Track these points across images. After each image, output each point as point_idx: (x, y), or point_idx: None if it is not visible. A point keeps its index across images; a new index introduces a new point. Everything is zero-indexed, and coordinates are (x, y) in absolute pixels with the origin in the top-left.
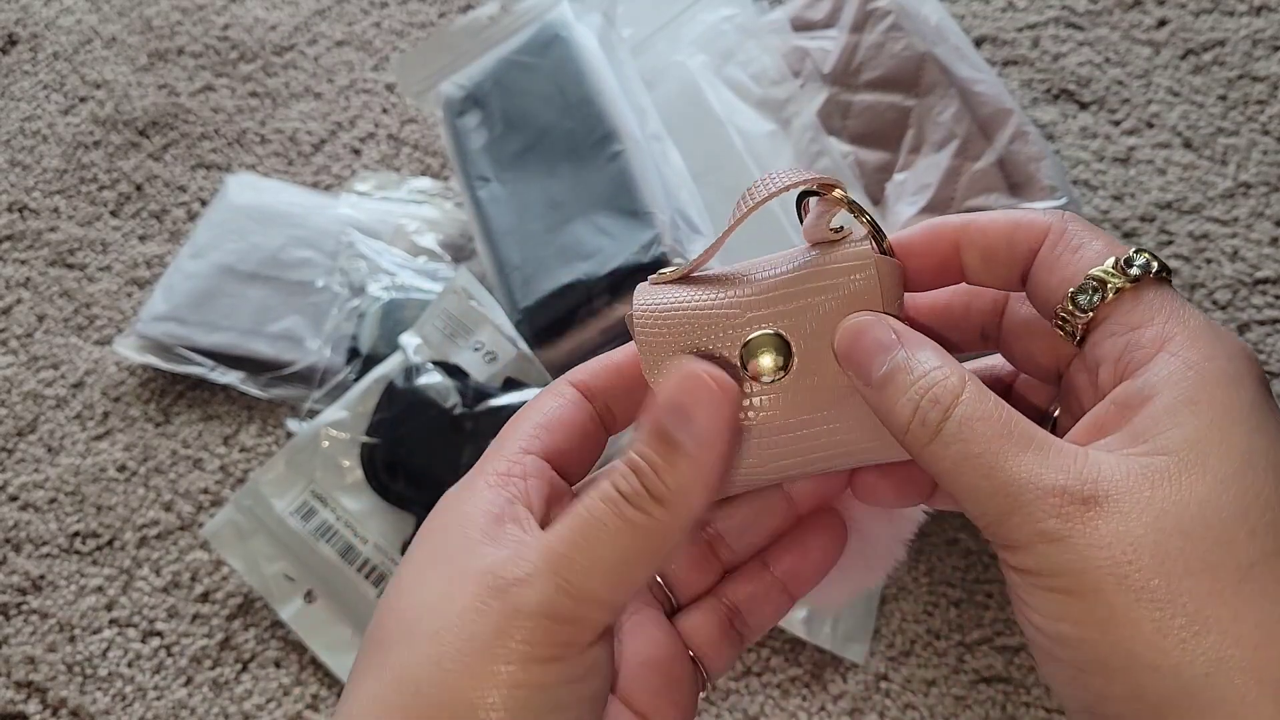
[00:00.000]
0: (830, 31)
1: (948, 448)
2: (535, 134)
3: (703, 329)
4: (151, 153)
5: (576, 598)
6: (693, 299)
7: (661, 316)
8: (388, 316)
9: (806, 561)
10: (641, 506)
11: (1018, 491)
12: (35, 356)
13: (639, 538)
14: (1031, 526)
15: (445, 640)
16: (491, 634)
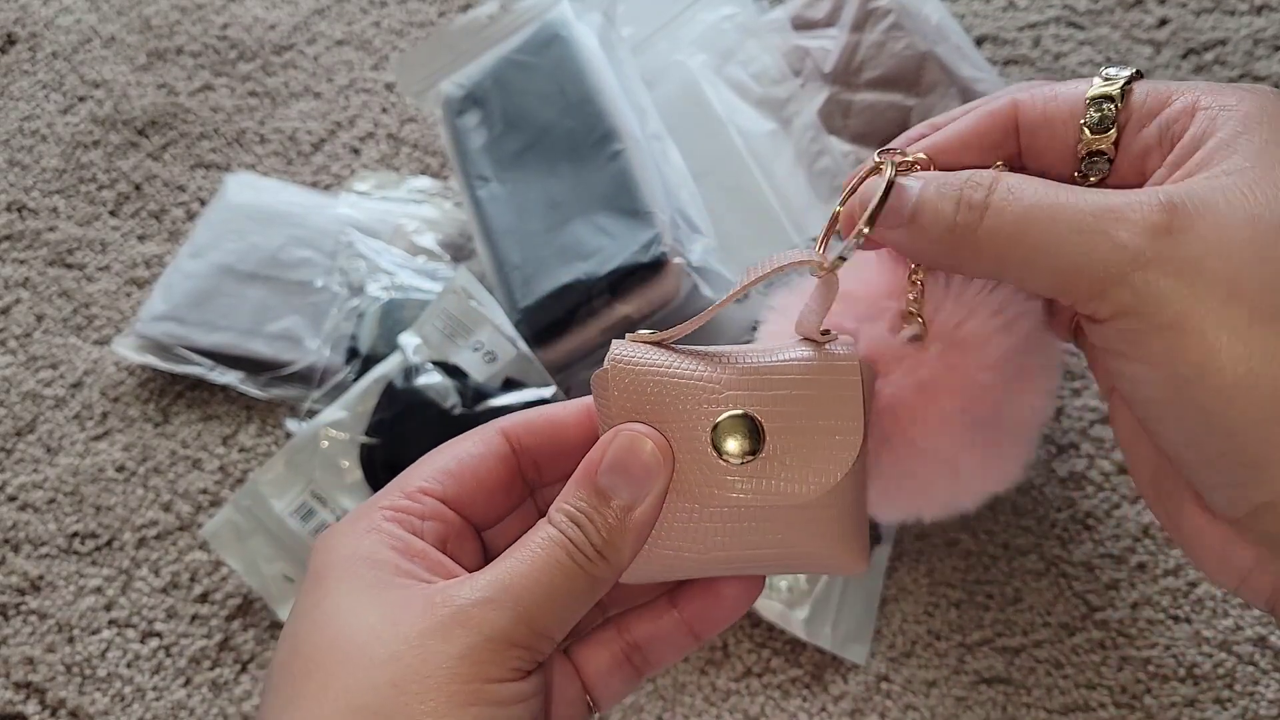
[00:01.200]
0: (831, 30)
1: (1002, 216)
2: (535, 133)
3: (677, 397)
4: (150, 152)
5: (531, 627)
6: (674, 364)
7: (639, 374)
8: (387, 316)
9: (718, 607)
10: (587, 554)
11: (1095, 220)
12: (34, 356)
13: (582, 582)
14: (1120, 255)
15: (402, 663)
16: (455, 656)
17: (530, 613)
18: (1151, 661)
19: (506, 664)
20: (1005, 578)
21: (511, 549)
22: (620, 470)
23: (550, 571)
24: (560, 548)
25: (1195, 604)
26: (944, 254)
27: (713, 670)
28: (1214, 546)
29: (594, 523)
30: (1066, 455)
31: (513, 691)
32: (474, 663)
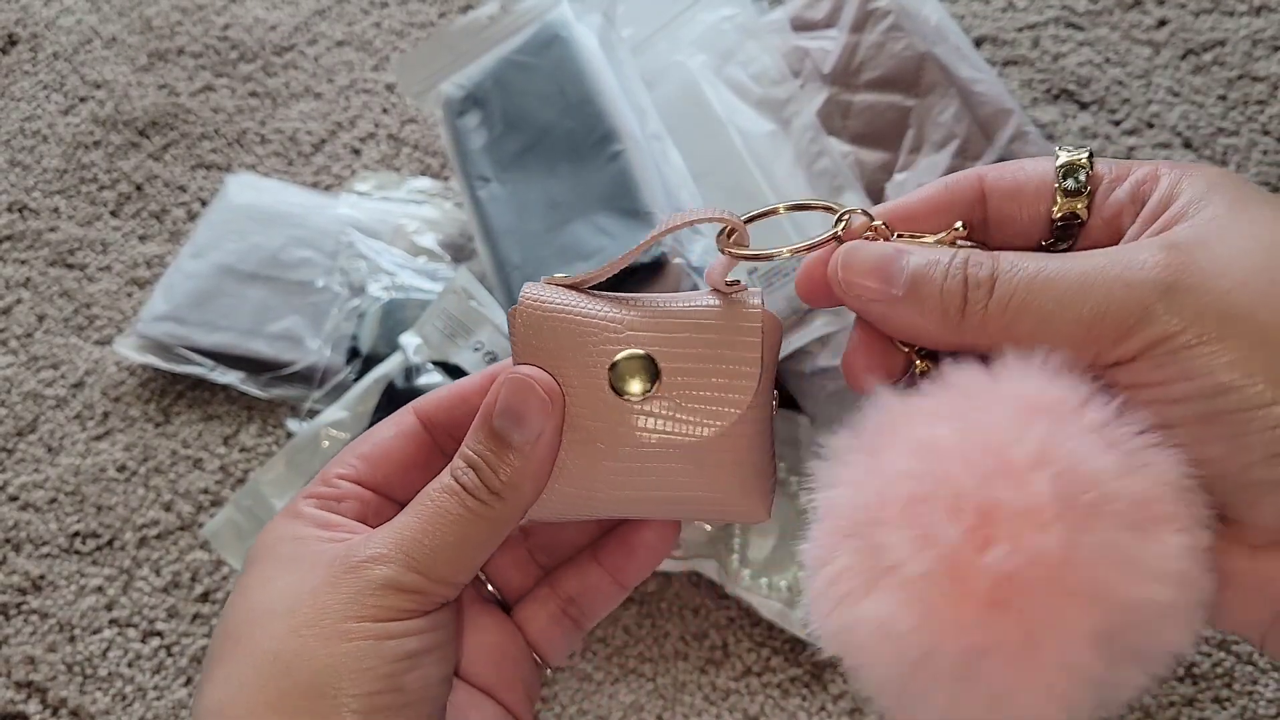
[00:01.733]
0: (830, 31)
1: (1011, 284)
2: (535, 134)
3: (580, 335)
4: (151, 153)
5: (422, 574)
6: (579, 305)
7: (545, 314)
8: (388, 316)
9: (634, 559)
10: (480, 498)
11: (1106, 271)
12: (35, 356)
13: (478, 525)
14: (1143, 291)
15: (299, 613)
16: (344, 602)
17: (421, 561)
18: None
19: (397, 606)
20: None
21: (413, 502)
22: (510, 413)
23: (441, 519)
24: (453, 495)
25: None
26: (943, 330)
27: (712, 669)
28: (1250, 584)
29: (489, 465)
30: None
31: (404, 628)
32: (360, 605)
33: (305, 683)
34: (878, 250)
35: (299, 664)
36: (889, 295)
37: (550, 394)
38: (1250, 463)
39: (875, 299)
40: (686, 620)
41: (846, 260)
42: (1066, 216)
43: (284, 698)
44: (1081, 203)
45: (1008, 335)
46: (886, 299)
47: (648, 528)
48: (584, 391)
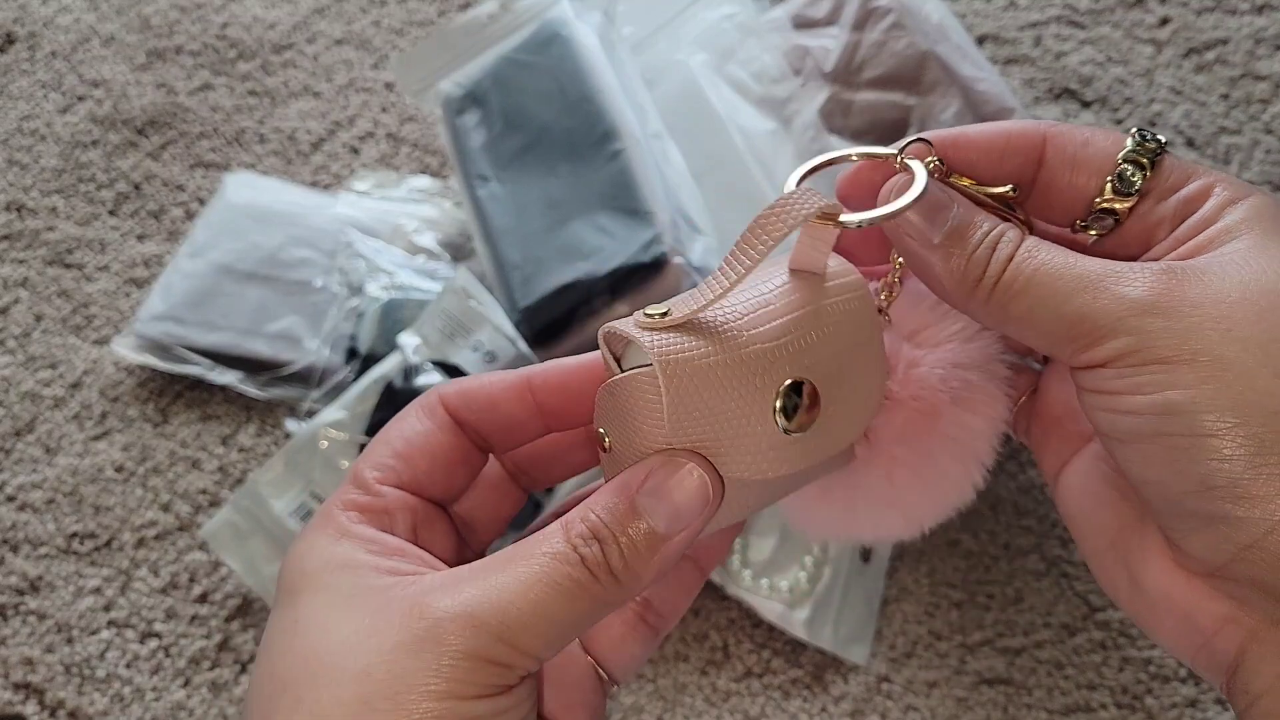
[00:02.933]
0: (831, 30)
1: (1019, 271)
2: (535, 133)
3: (732, 382)
4: (150, 152)
5: (512, 646)
6: (710, 350)
7: (690, 368)
8: (387, 316)
9: (717, 537)
10: (598, 575)
11: (1099, 279)
12: (33, 356)
13: (585, 603)
14: (1123, 304)
15: (375, 678)
16: (424, 672)
17: (514, 634)
18: (1153, 662)
19: (483, 681)
20: (1006, 578)
21: (510, 556)
22: (663, 495)
23: (544, 588)
24: (565, 564)
25: None
26: (956, 292)
27: (713, 671)
28: (1178, 606)
29: (618, 542)
30: None
31: (489, 707)
32: (447, 680)
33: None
34: (934, 193)
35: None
36: (926, 238)
37: (714, 487)
38: (1186, 491)
39: (913, 235)
40: (687, 621)
41: (904, 187)
42: (1105, 210)
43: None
44: (1125, 204)
45: (1003, 315)
46: (922, 240)
47: None
48: (743, 437)
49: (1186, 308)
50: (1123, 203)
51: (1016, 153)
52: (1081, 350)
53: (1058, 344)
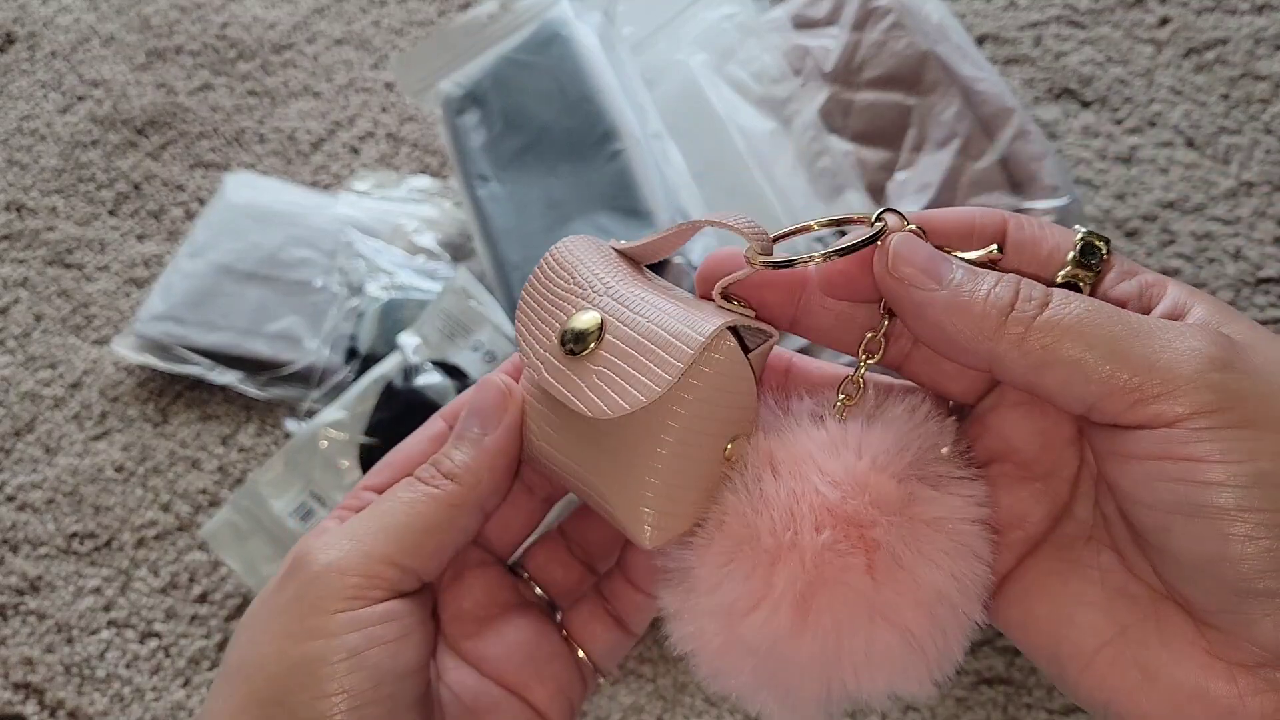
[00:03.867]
0: (831, 30)
1: (1066, 309)
2: (535, 133)
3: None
4: (149, 152)
5: (366, 555)
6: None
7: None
8: (386, 316)
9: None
10: (432, 481)
11: (1159, 329)
12: (33, 356)
13: (428, 506)
14: (1199, 357)
15: (256, 619)
16: (288, 599)
17: (363, 540)
18: None
19: (340, 594)
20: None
21: (377, 502)
22: (472, 412)
23: (386, 502)
24: (403, 483)
25: None
26: (976, 334)
27: None
28: (1218, 703)
29: (447, 454)
30: None
31: (350, 619)
32: (302, 601)
33: (263, 694)
34: (931, 248)
35: (257, 674)
36: (940, 279)
37: (510, 390)
38: (1262, 570)
39: (924, 279)
40: None
41: (900, 248)
42: (1069, 282)
43: (245, 710)
44: (1087, 278)
45: (1044, 356)
46: (936, 281)
47: None
48: (546, 342)
49: (1258, 372)
50: (1085, 275)
51: (981, 234)
52: (1146, 403)
53: (1111, 394)
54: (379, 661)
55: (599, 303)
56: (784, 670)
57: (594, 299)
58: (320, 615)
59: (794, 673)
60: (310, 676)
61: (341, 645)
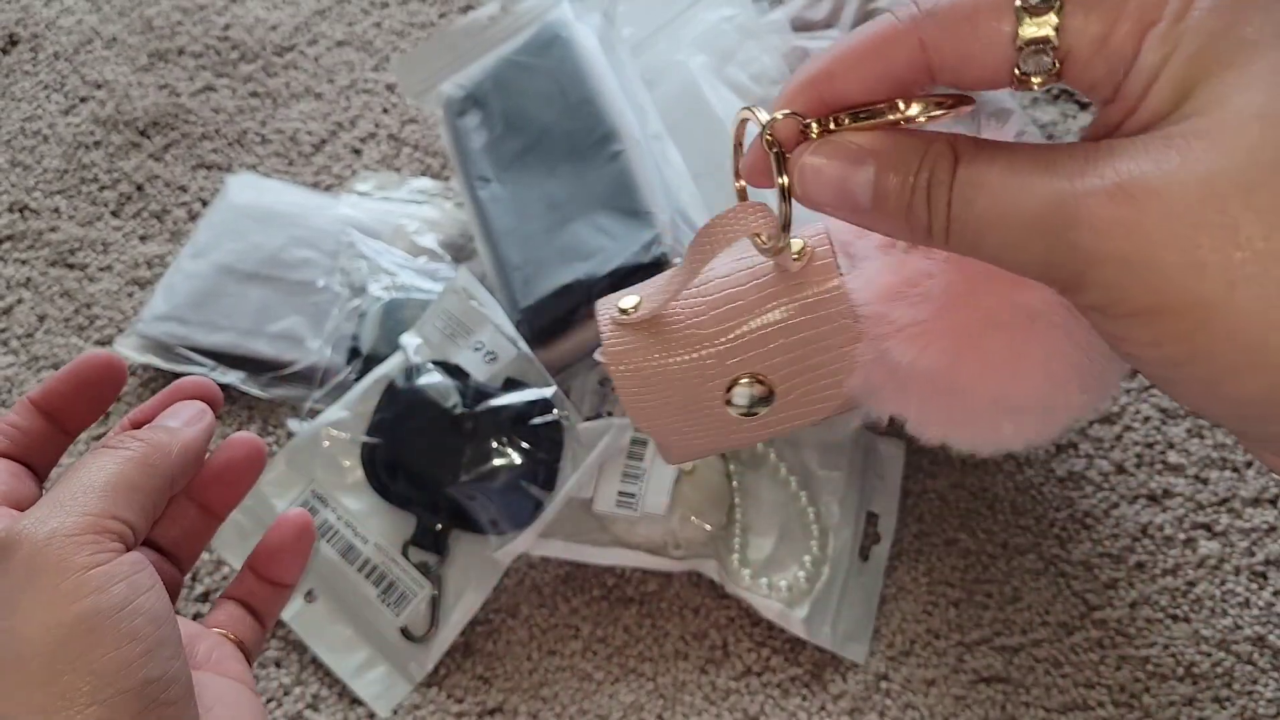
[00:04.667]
0: (831, 32)
1: (964, 222)
2: (535, 134)
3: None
4: (152, 153)
5: (85, 513)
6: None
7: (642, 379)
8: (388, 316)
9: (278, 565)
10: (119, 445)
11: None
12: (36, 356)
13: (122, 465)
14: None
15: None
16: (21, 579)
17: (79, 505)
18: (1150, 660)
19: (80, 555)
20: (1004, 577)
21: (72, 470)
22: (173, 413)
23: (84, 471)
24: (92, 453)
25: (1194, 603)
26: (913, 239)
27: (712, 669)
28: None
29: (138, 433)
30: (1065, 455)
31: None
32: (41, 574)
33: (41, 673)
34: (832, 173)
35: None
36: (856, 207)
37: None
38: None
39: (841, 209)
40: (686, 620)
41: (806, 189)
42: (1031, 42)
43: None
44: (1048, 25)
45: (975, 254)
46: (854, 209)
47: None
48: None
49: (1150, 240)
50: (1043, 25)
51: (900, 69)
52: (1064, 294)
53: (1043, 283)
54: (150, 606)
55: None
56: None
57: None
58: (72, 578)
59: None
60: (94, 634)
61: (113, 595)
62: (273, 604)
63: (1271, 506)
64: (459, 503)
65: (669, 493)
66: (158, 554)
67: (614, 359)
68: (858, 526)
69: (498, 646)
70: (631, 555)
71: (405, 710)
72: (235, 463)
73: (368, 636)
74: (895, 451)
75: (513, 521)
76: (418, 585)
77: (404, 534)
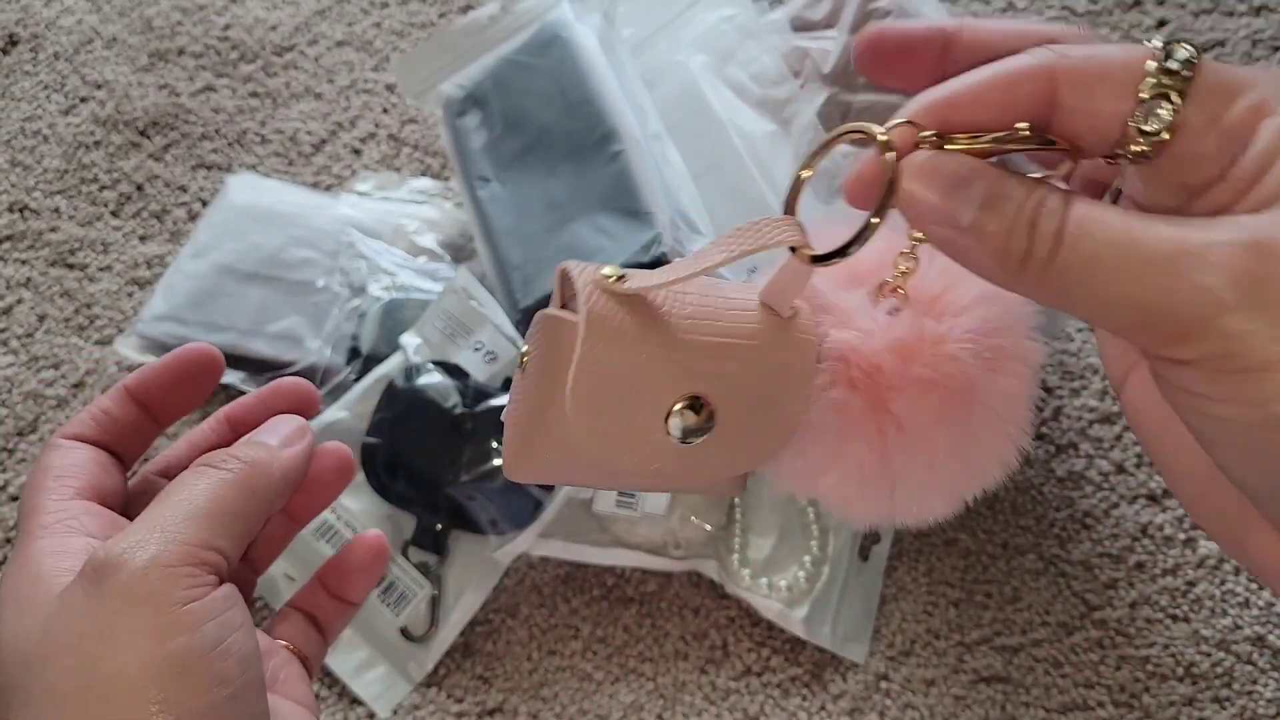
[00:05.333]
0: (830, 32)
1: (1076, 251)
2: (535, 134)
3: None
4: (152, 153)
5: (185, 544)
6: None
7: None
8: (388, 316)
9: (349, 583)
10: (224, 465)
11: (1174, 259)
12: (36, 356)
13: (226, 489)
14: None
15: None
16: (116, 608)
17: (179, 534)
18: (1150, 660)
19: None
20: (1004, 577)
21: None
22: (271, 428)
23: (188, 492)
24: (195, 471)
25: (1193, 603)
26: (1000, 275)
27: (712, 669)
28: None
29: (239, 450)
30: (1065, 455)
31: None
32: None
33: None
34: (951, 168)
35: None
36: (954, 222)
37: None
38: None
39: (940, 222)
40: (686, 620)
41: (918, 172)
42: (1160, 94)
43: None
44: (1179, 86)
45: (1065, 299)
46: (952, 225)
47: (360, 552)
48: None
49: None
50: (1174, 84)
51: (1023, 100)
52: (1161, 345)
53: (1131, 334)
54: (239, 647)
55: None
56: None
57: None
58: (167, 612)
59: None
60: (185, 675)
61: (205, 636)
62: (337, 619)
63: None
64: (459, 503)
65: (669, 493)
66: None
67: (595, 323)
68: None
69: (498, 646)
70: (631, 555)
71: (405, 710)
72: (324, 473)
73: (367, 636)
74: None
75: (512, 521)
76: (418, 585)
77: (404, 534)
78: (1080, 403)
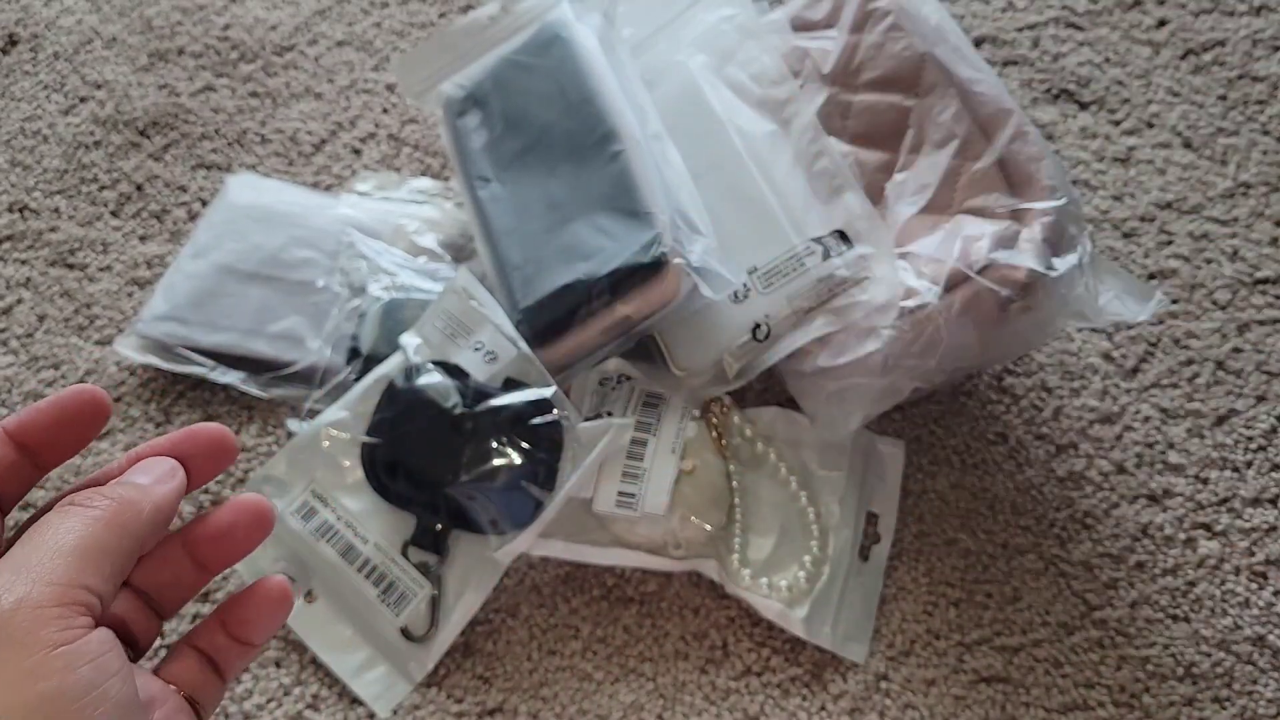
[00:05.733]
0: (830, 32)
1: None
2: (535, 134)
3: None
4: (152, 153)
5: (53, 584)
6: None
7: None
8: (388, 316)
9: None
10: (89, 503)
11: None
12: (35, 356)
13: (93, 527)
14: None
15: None
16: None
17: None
18: (1150, 660)
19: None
20: (1004, 577)
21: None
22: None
23: (53, 532)
24: (60, 512)
25: (1194, 603)
26: None
27: (713, 669)
28: None
29: (107, 490)
30: (1065, 455)
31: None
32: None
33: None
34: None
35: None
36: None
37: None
38: None
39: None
40: (686, 620)
41: None
42: None
43: None
44: None
45: None
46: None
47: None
48: None
49: None
50: None
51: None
52: None
53: None
54: (116, 693)
55: None
56: None
57: None
58: (36, 656)
59: None
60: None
61: (79, 679)
62: (237, 662)
63: (1272, 506)
64: (459, 503)
65: (669, 493)
66: (139, 600)
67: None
68: (858, 526)
69: (498, 646)
70: (631, 555)
71: (405, 710)
72: (239, 527)
73: (367, 636)
74: (895, 451)
75: (513, 521)
76: (418, 585)
77: (404, 534)
78: (1080, 403)
